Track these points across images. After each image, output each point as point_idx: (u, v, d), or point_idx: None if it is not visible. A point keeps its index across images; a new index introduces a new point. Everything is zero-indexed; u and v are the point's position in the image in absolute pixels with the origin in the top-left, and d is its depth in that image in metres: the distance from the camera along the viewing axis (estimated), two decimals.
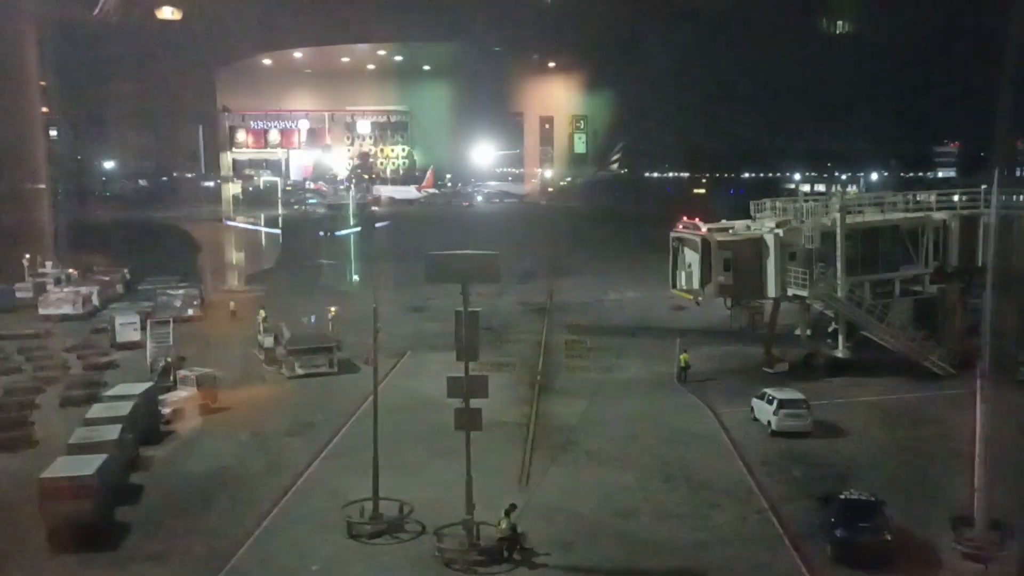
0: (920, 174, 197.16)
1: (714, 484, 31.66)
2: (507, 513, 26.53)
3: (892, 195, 53.83)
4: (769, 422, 36.85)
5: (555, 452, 34.91)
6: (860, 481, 30.39)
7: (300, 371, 46.28)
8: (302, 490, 31.68)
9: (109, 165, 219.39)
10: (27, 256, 71.84)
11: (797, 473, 32.87)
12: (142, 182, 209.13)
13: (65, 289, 66.16)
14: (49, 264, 73.49)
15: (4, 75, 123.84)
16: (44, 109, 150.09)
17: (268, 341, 48.86)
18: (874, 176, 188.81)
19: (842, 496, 27.66)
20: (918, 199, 51.60)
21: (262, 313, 54.58)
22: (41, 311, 62.34)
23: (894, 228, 47.32)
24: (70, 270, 72.99)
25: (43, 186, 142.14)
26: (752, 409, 38.51)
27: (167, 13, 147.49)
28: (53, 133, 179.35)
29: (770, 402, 37.09)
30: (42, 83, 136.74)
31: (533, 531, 27.38)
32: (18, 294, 66.70)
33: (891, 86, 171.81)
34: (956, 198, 50.65)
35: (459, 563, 26.09)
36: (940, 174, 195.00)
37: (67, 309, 62.50)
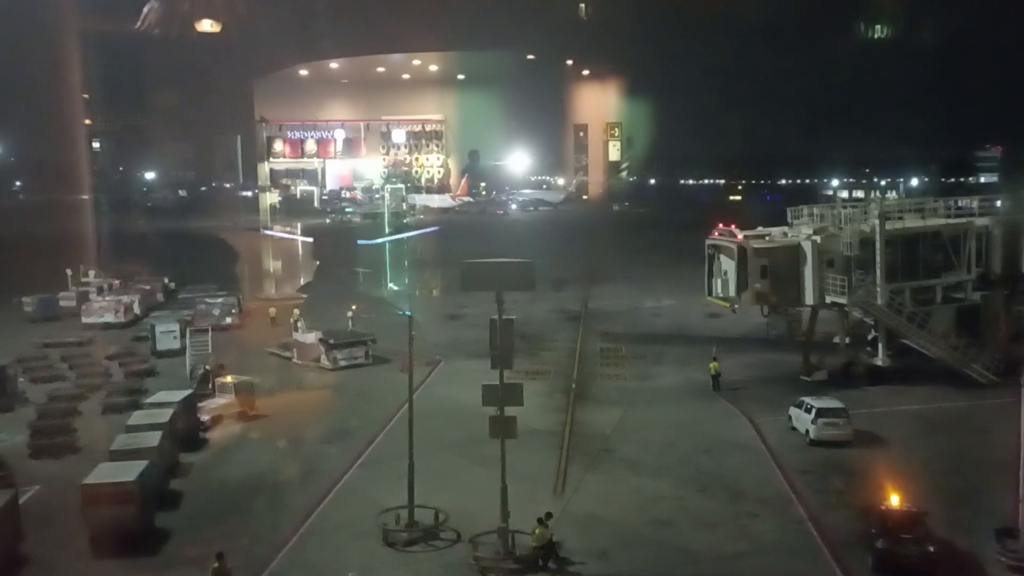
0: (962, 179, 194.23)
1: (752, 493, 31.33)
2: (542, 521, 26.45)
3: (933, 201, 53.08)
4: (807, 431, 36.40)
5: (590, 460, 34.78)
6: (901, 491, 29.89)
7: (343, 363, 49.89)
8: (338, 497, 31.87)
9: (150, 176, 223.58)
10: (70, 266, 73.20)
11: (837, 483, 32.44)
12: (182, 192, 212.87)
13: (107, 298, 67.35)
14: (92, 273, 74.84)
15: (48, 88, 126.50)
16: (87, 121, 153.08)
17: (310, 337, 51.75)
18: (914, 181, 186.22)
19: (883, 507, 27.25)
20: (960, 205, 50.79)
21: (296, 312, 56.95)
22: (84, 319, 63.52)
23: (935, 234, 46.59)
24: (112, 279, 74.21)
25: (86, 197, 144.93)
26: (790, 418, 38.07)
27: (207, 26, 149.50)
28: (96, 145, 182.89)
29: (808, 411, 36.64)
30: (85, 96, 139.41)
31: (568, 539, 27.28)
32: (62, 303, 67.91)
33: (931, 90, 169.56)
34: (999, 203, 49.79)
35: (494, 571, 26.08)
36: (982, 179, 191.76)
37: (109, 317, 63.62)
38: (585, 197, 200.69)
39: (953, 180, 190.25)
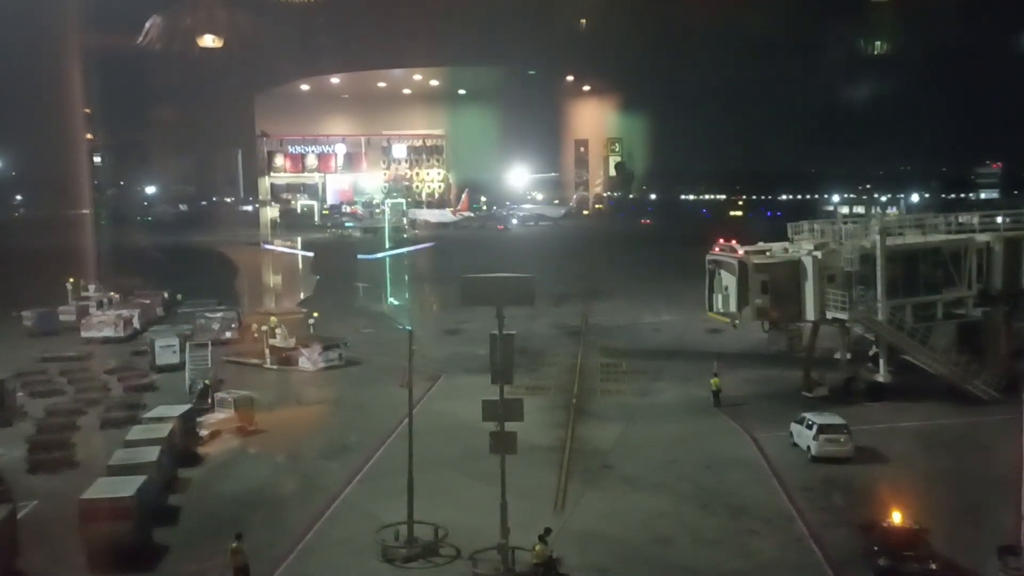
0: (962, 195, 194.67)
1: (753, 510, 31.17)
2: (542, 538, 26.30)
3: (933, 216, 53.11)
4: (809, 447, 36.26)
5: (590, 476, 34.63)
6: (903, 508, 29.74)
7: (322, 364, 53.69)
8: (337, 513, 31.70)
9: (151, 190, 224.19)
10: (70, 280, 73.18)
11: (838, 500, 32.31)
12: (182, 207, 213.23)
13: (107, 312, 67.24)
14: (92, 288, 74.76)
15: (50, 103, 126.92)
16: (88, 136, 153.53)
17: (290, 343, 55.32)
18: (915, 197, 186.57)
19: (885, 524, 27.11)
20: (960, 221, 50.78)
21: (273, 320, 58.08)
22: (83, 334, 63.38)
23: (936, 250, 46.58)
24: (112, 293, 74.16)
25: (86, 211, 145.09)
26: (791, 434, 37.93)
27: (208, 41, 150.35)
28: (97, 159, 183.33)
29: (809, 427, 36.51)
30: (86, 110, 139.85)
31: (568, 556, 27.10)
32: (61, 317, 67.87)
33: (931, 106, 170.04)
34: (1000, 219, 49.82)
35: None
36: (983, 195, 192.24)
37: (108, 332, 63.46)
38: (585, 212, 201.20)
39: (954, 196, 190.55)
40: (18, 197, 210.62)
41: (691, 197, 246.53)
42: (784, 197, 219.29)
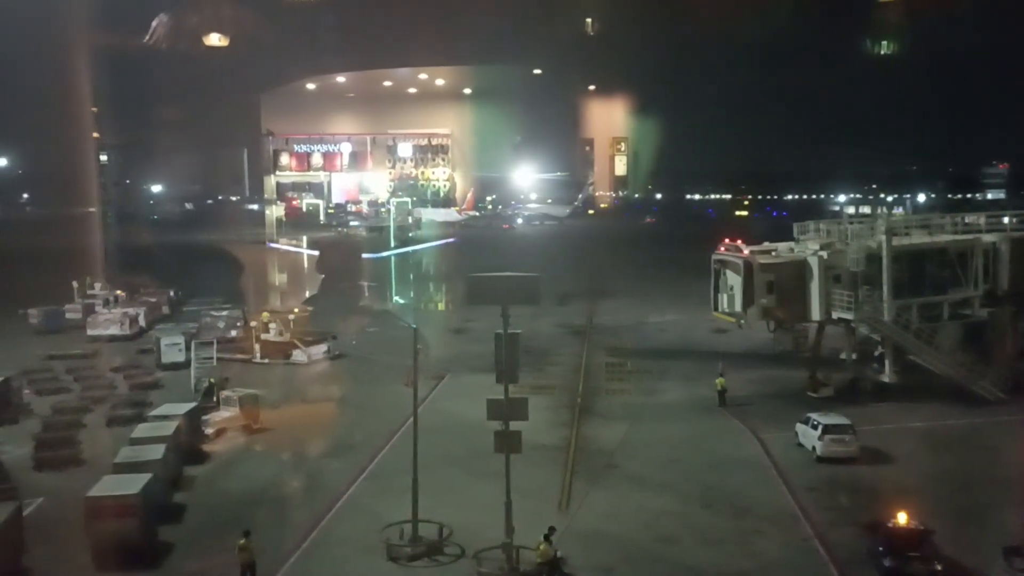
0: (968, 195, 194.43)
1: (758, 510, 31.14)
2: (546, 537, 26.31)
3: (939, 217, 53.00)
4: (814, 448, 36.23)
5: (595, 476, 34.63)
6: (909, 509, 29.71)
7: (316, 356, 55.39)
8: (342, 511, 31.73)
9: (157, 189, 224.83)
10: (77, 278, 73.36)
11: (843, 500, 32.26)
12: (188, 205, 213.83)
13: (113, 310, 67.43)
14: (98, 286, 74.97)
15: (56, 101, 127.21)
16: (95, 134, 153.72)
17: (284, 338, 56.15)
18: (921, 197, 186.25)
19: (890, 524, 27.07)
20: (967, 221, 50.68)
21: (266, 315, 58.73)
22: (90, 332, 63.57)
23: (942, 250, 46.49)
24: (118, 292, 74.33)
25: (93, 210, 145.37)
26: (796, 434, 37.90)
27: (214, 40, 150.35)
28: (103, 158, 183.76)
29: (815, 427, 36.48)
30: (93, 109, 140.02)
31: (573, 555, 27.13)
32: (68, 315, 68.08)
33: (938, 107, 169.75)
34: (1006, 220, 49.73)
35: None
36: (989, 195, 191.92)
37: (115, 330, 63.65)
38: (591, 211, 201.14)
39: (960, 196, 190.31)
40: (25, 195, 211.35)
41: (696, 197, 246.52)
42: (790, 197, 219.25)
